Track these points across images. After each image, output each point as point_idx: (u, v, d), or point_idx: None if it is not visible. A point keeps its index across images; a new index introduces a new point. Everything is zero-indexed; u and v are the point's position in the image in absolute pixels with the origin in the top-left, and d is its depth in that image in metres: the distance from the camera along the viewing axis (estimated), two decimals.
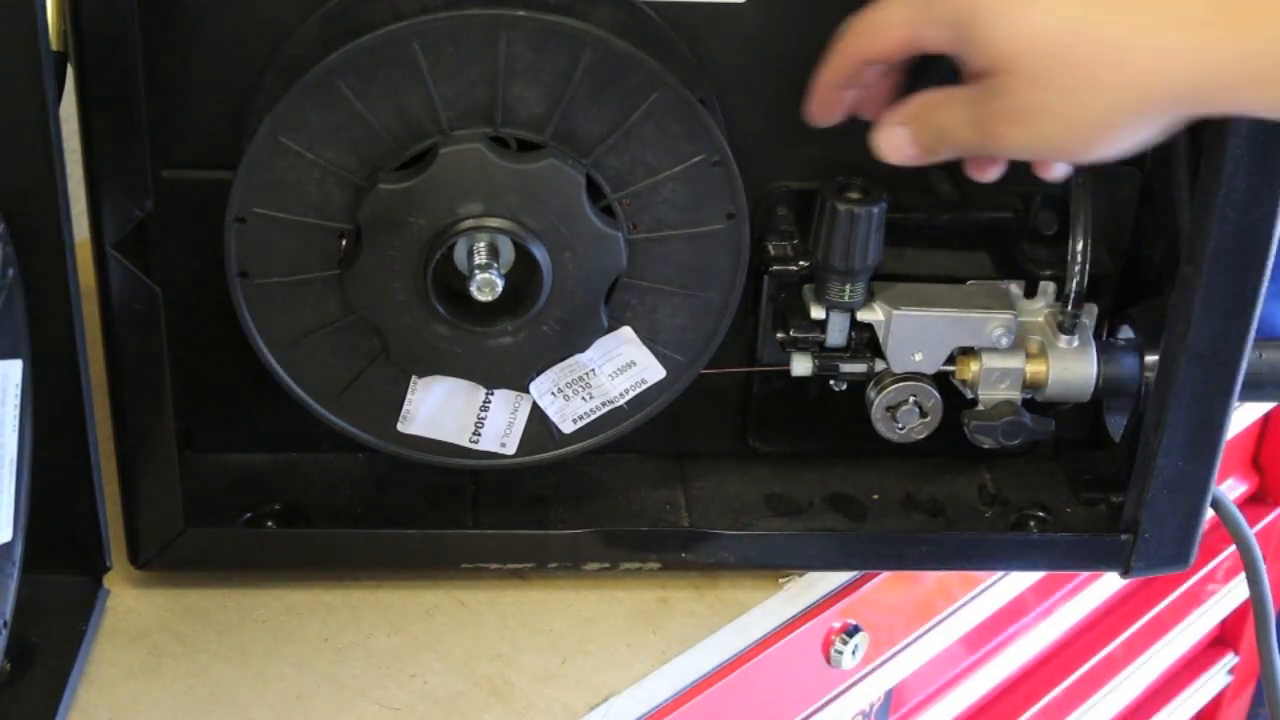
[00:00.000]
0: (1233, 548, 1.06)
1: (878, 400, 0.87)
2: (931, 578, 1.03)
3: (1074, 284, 0.85)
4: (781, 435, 0.94)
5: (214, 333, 0.84)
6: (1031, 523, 0.92)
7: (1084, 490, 0.94)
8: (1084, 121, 0.69)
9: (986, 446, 0.88)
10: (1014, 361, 0.86)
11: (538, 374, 0.84)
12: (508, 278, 0.78)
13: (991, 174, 0.78)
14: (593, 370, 0.84)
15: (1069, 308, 0.86)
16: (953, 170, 0.81)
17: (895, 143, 0.76)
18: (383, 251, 0.78)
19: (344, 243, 0.79)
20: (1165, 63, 0.66)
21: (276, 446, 0.91)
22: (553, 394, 0.85)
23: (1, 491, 0.75)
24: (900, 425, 0.88)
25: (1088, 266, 0.85)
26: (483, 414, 0.85)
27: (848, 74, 0.77)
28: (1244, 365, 0.84)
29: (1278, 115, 0.68)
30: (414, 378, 0.84)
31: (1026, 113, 0.69)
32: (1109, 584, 1.25)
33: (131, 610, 0.87)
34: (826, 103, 0.78)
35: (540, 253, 0.78)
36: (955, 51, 0.71)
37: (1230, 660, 1.51)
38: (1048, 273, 0.87)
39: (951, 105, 0.72)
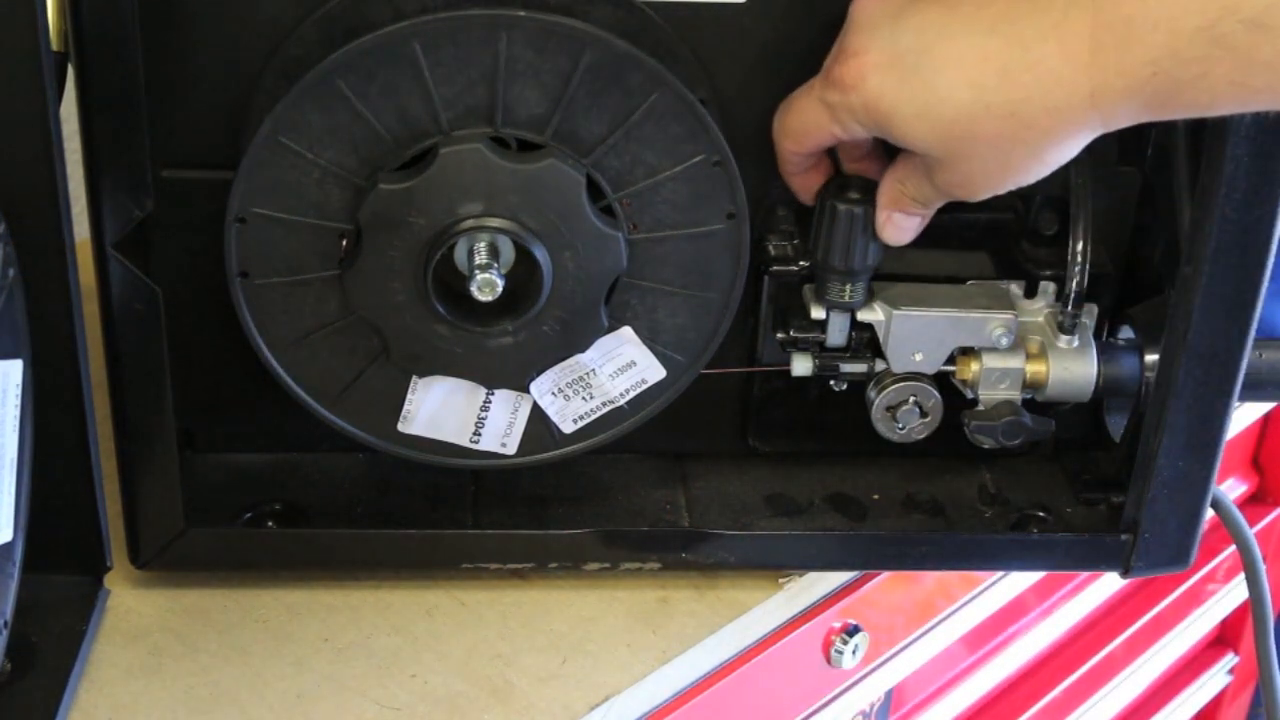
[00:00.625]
0: (1233, 548, 1.06)
1: (878, 400, 0.87)
2: (931, 578, 1.03)
3: (1074, 284, 0.85)
4: (781, 435, 0.94)
5: (214, 333, 0.84)
6: (1031, 523, 0.92)
7: (1084, 490, 0.94)
8: (1017, 170, 0.74)
9: (987, 446, 0.88)
10: (1014, 361, 0.86)
11: (538, 374, 0.84)
12: (508, 278, 0.78)
13: None
14: (593, 370, 0.84)
15: (1069, 308, 0.86)
16: None
17: (898, 226, 0.81)
18: (383, 252, 0.78)
19: (344, 243, 0.79)
20: (1064, 112, 0.71)
21: (277, 446, 0.91)
22: (553, 394, 0.85)
23: (2, 491, 0.75)
24: (900, 425, 0.88)
25: (1088, 266, 0.85)
26: (483, 414, 0.85)
27: (799, 163, 0.81)
28: (1244, 365, 0.84)
29: (1210, 113, 0.71)
30: (414, 378, 0.84)
31: (967, 179, 0.76)
32: (1109, 584, 1.26)
33: (132, 610, 0.87)
34: (802, 186, 0.83)
35: (540, 253, 0.78)
36: (878, 138, 0.77)
37: (1230, 660, 1.51)
38: (1048, 273, 0.87)
39: (914, 178, 0.78)
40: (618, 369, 0.85)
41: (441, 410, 0.85)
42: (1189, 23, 0.66)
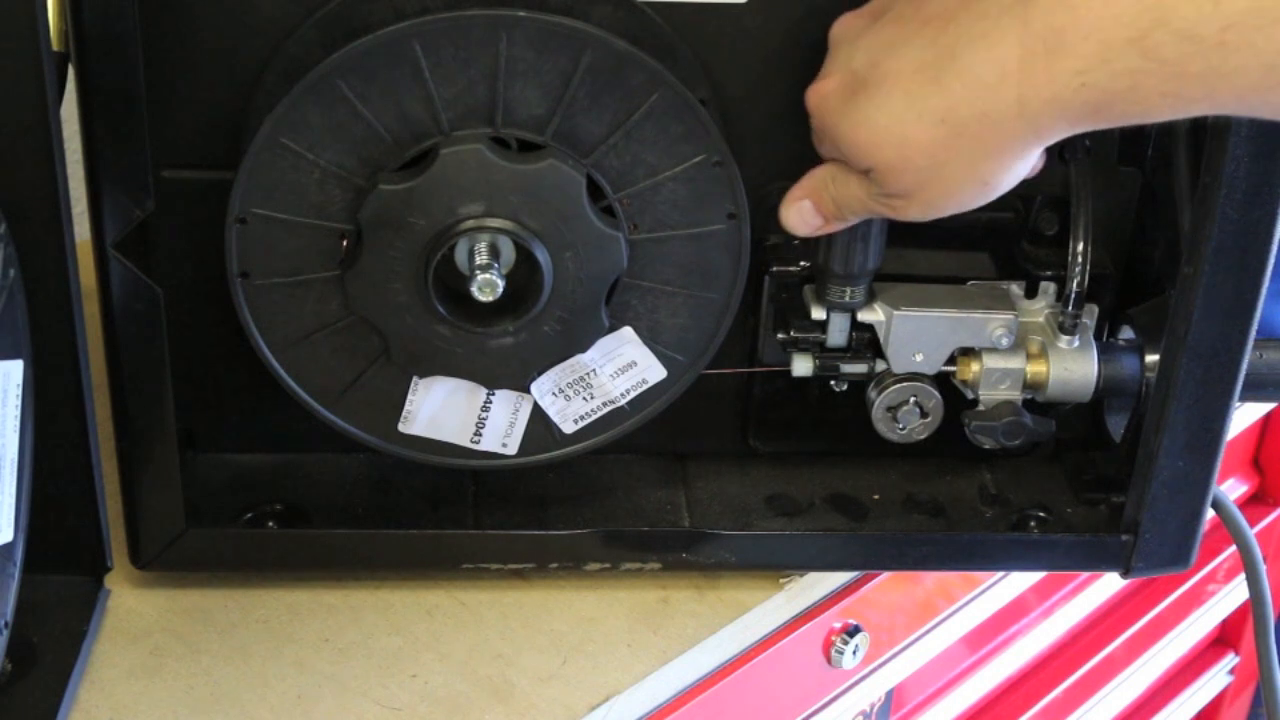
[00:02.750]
0: (1233, 548, 1.06)
1: (878, 400, 0.87)
2: (932, 578, 1.03)
3: (1074, 284, 0.85)
4: (782, 435, 0.94)
5: (215, 333, 0.84)
6: (1032, 523, 0.92)
7: (1084, 490, 0.94)
8: (955, 185, 0.74)
9: (987, 447, 0.88)
10: (1015, 362, 0.86)
11: (539, 374, 0.84)
12: (508, 278, 0.78)
13: None
14: (594, 370, 0.84)
15: (1069, 308, 0.86)
16: None
17: (801, 214, 0.81)
18: (384, 252, 0.78)
19: (345, 243, 0.79)
20: (993, 121, 0.70)
21: (278, 447, 0.91)
22: (554, 394, 0.85)
23: (2, 491, 0.75)
24: (901, 425, 0.88)
25: (1088, 267, 0.85)
26: (484, 414, 0.85)
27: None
28: (1244, 365, 0.84)
29: (1144, 121, 0.70)
30: (415, 378, 0.84)
31: (906, 193, 0.75)
32: (1109, 584, 1.25)
33: (133, 610, 0.87)
34: None
35: (541, 253, 0.78)
36: (841, 159, 0.77)
37: (1231, 660, 1.51)
38: (1048, 273, 0.87)
39: (847, 181, 0.78)
40: (618, 369, 0.85)
41: (442, 411, 0.85)
42: (1119, 34, 0.65)
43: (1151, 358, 0.87)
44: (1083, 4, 0.66)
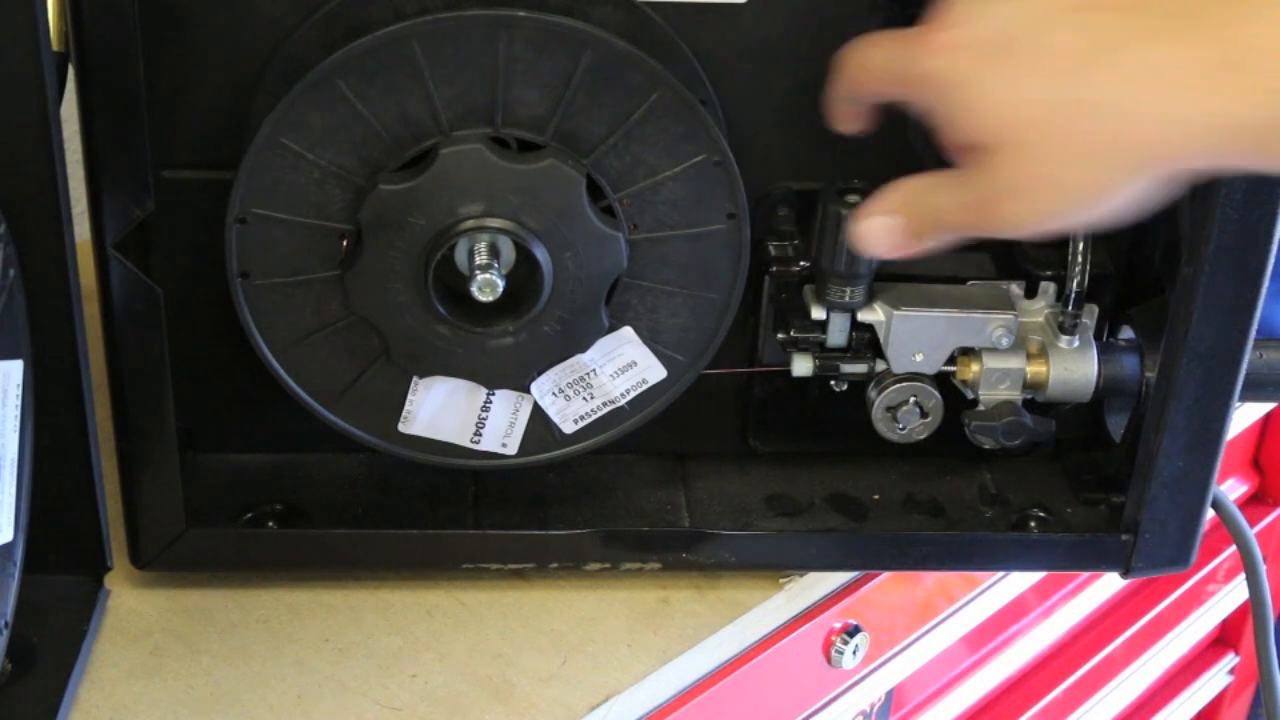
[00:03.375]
0: (1233, 548, 1.06)
1: (878, 400, 0.87)
2: (932, 578, 1.03)
3: (1074, 284, 0.85)
4: (782, 435, 0.94)
5: (215, 333, 0.84)
6: (1032, 523, 0.92)
7: (1084, 490, 0.94)
8: (1082, 191, 0.65)
9: (987, 447, 0.88)
10: (1015, 362, 0.86)
11: (539, 374, 0.84)
12: (508, 278, 0.78)
13: None
14: (594, 370, 0.84)
15: (1069, 308, 0.86)
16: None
17: (881, 233, 0.72)
18: (384, 252, 0.78)
19: (345, 243, 0.79)
20: (1164, 127, 0.62)
21: (278, 446, 0.91)
22: (554, 394, 0.85)
23: (2, 491, 0.75)
24: (901, 425, 0.88)
25: (1088, 267, 0.85)
26: (484, 414, 0.85)
27: (849, 96, 0.75)
28: (1244, 365, 0.84)
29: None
30: (415, 378, 0.84)
31: (1021, 188, 0.66)
32: (1109, 584, 1.25)
33: (133, 610, 0.87)
34: (842, 115, 0.76)
35: (541, 253, 0.78)
36: (935, 118, 0.68)
37: (1231, 660, 1.51)
38: (1048, 273, 0.87)
39: (942, 188, 0.69)
40: (618, 369, 0.85)
41: (442, 411, 0.85)
42: None
43: (1151, 358, 0.87)
44: None
